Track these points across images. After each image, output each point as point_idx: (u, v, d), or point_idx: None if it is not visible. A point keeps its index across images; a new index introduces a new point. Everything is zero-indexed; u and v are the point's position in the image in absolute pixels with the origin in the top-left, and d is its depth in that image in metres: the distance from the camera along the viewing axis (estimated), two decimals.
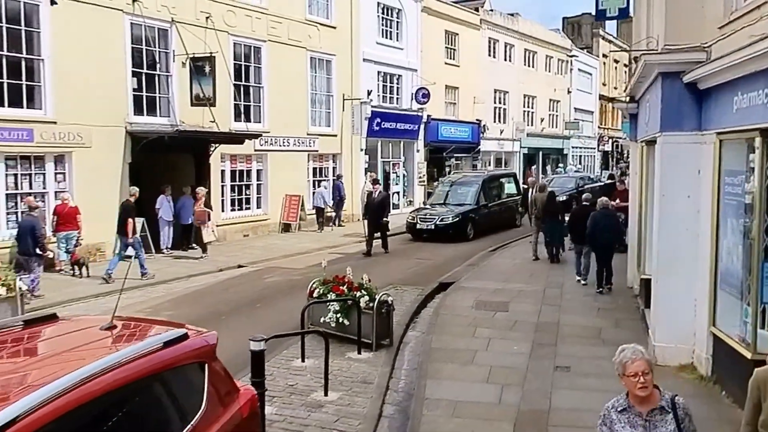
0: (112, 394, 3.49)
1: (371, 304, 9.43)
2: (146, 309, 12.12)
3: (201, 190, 18.02)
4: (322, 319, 9.81)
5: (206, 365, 4.29)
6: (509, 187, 25.37)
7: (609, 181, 23.74)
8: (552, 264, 16.16)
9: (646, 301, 11.27)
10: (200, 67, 18.30)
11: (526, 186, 20.68)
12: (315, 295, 10.18)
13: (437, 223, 20.79)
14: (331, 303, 9.80)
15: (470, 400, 7.68)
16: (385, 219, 18.90)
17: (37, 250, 12.80)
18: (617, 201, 17.26)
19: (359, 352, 9.29)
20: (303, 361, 8.94)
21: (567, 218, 15.07)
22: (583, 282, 13.80)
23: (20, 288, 10.79)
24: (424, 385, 8.17)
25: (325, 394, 7.78)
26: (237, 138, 19.29)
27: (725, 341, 7.71)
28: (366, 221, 19.22)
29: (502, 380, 8.30)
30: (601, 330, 10.55)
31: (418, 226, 20.94)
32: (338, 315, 9.72)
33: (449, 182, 23.99)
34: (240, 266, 16.79)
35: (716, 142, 7.99)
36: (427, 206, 22.86)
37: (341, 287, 9.90)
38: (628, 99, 13.03)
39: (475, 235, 21.08)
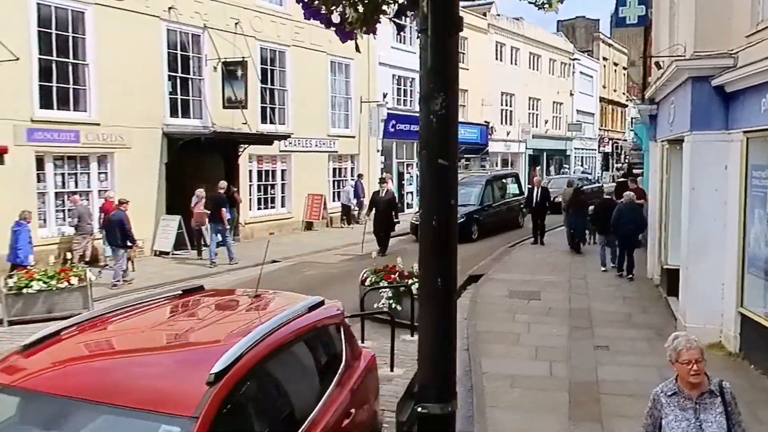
0: (288, 344, 4.25)
1: None
2: None
3: (201, 192, 17.65)
4: (375, 305, 10.57)
5: (341, 326, 5.05)
6: (512, 188, 25.50)
7: (621, 179, 24.58)
8: (573, 257, 16.99)
9: (668, 289, 12.11)
10: (233, 71, 19.05)
11: (531, 186, 21.36)
12: (367, 283, 10.96)
13: None
14: (384, 290, 10.57)
15: (524, 374, 8.47)
16: (396, 220, 18.68)
17: (128, 242, 14.23)
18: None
19: (412, 335, 10.04)
20: (362, 342, 9.69)
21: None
22: (603, 269, 14.71)
23: (91, 278, 11.53)
24: (480, 362, 8.95)
25: (391, 370, 8.57)
26: (267, 139, 20.06)
27: (753, 319, 8.51)
28: (373, 220, 18.57)
29: (549, 357, 9.09)
30: (631, 315, 11.36)
31: None
32: (391, 301, 10.49)
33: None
34: (274, 261, 17.52)
35: (743, 139, 8.79)
36: None
37: (392, 275, 10.68)
38: (648, 101, 13.83)
39: (479, 236, 20.86)
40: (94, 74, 16.49)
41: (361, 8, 3.23)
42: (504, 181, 25.32)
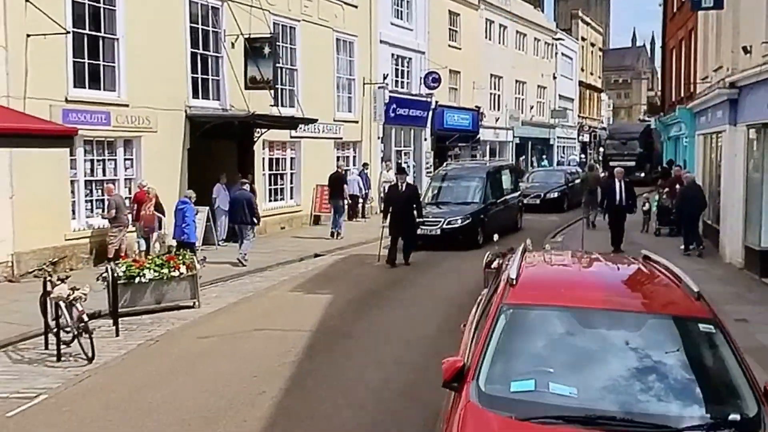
0: None
1: None
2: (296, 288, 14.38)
3: (151, 190, 16.79)
4: None
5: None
6: (507, 182, 24.60)
7: (665, 167, 27.54)
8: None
9: (761, 271, 14.47)
10: (258, 48, 20.22)
11: (607, 178, 21.93)
12: (493, 266, 12.65)
13: (443, 227, 19.26)
14: None
15: None
16: (419, 219, 17.81)
17: (254, 219, 17.15)
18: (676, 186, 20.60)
19: None
20: None
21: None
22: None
23: (198, 268, 12.72)
24: None
25: None
26: (294, 123, 21.37)
27: None
28: (388, 220, 17.38)
29: None
30: (739, 294, 13.57)
31: (418, 231, 18.28)
32: None
33: (441, 176, 22.94)
34: (316, 255, 18.89)
35: None
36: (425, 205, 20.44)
37: None
38: (728, 85, 16.15)
39: (484, 241, 19.22)
40: (123, 50, 17.39)
41: None
42: (503, 173, 24.57)
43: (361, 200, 26.66)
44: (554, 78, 49.21)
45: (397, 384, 8.62)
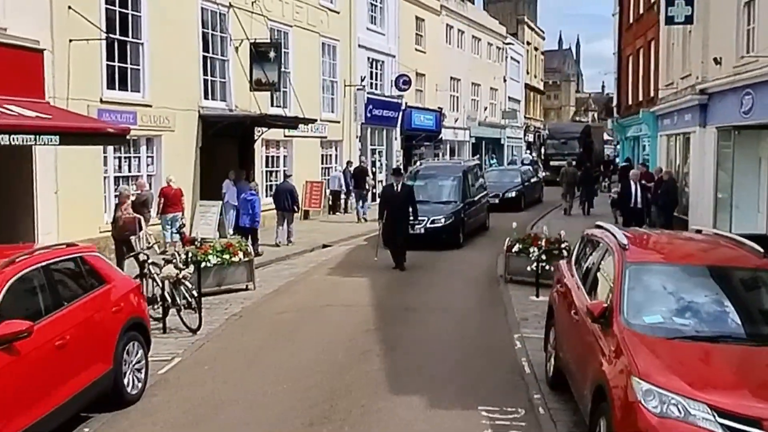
0: None
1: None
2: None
3: (125, 189, 16.03)
4: (528, 268, 14.08)
5: None
6: (478, 181, 24.64)
7: (625, 163, 29.76)
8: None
9: None
10: (264, 53, 21.59)
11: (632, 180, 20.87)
12: (514, 250, 14.47)
13: (427, 226, 18.92)
14: (533, 253, 14.10)
15: None
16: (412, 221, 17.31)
17: (294, 207, 20.01)
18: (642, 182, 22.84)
19: None
20: (537, 296, 13.22)
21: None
22: None
23: (251, 253, 14.10)
24: None
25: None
26: (296, 123, 22.76)
27: None
28: (385, 224, 16.80)
29: None
30: None
31: None
32: (544, 263, 14.04)
33: (417, 174, 22.60)
34: (325, 246, 20.38)
35: None
36: None
37: (539, 241, 14.28)
38: (698, 91, 18.39)
39: (464, 240, 20.21)
40: (147, 54, 18.53)
41: None
42: (476, 172, 24.88)
43: (343, 196, 28.17)
44: (504, 80, 51.64)
45: (466, 340, 10.40)
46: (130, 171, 18.64)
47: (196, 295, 10.77)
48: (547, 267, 14.00)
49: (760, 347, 6.00)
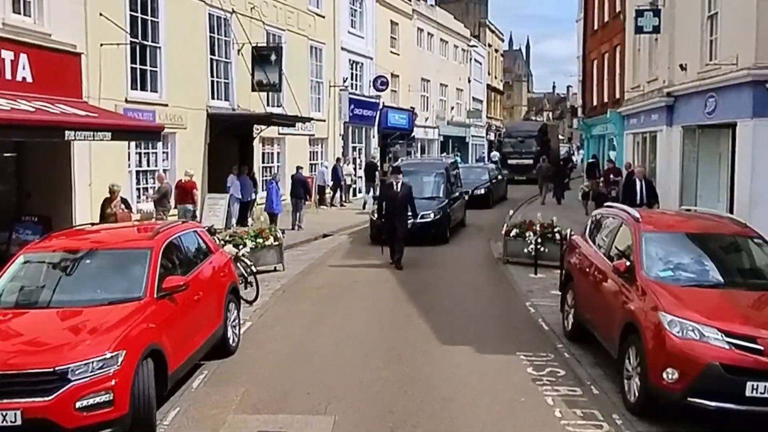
0: None
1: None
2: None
3: (115, 186, 15.75)
4: (525, 250, 15.98)
5: None
6: (456, 178, 24.39)
7: (592, 160, 31.78)
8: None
9: None
10: (265, 56, 23.16)
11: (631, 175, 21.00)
12: (512, 234, 16.37)
13: (416, 221, 18.17)
14: (530, 236, 16.00)
15: None
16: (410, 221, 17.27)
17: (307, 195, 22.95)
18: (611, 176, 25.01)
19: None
20: (536, 274, 15.14)
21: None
22: None
23: (281, 237, 15.72)
24: None
25: (560, 290, 14.06)
26: (295, 121, 24.36)
27: None
28: (382, 223, 17.09)
29: None
30: None
31: None
32: (539, 246, 15.94)
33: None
34: (325, 235, 22.03)
35: None
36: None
37: (534, 226, 16.19)
38: (665, 94, 20.55)
39: (450, 236, 20.69)
40: (164, 56, 19.95)
41: None
42: (455, 169, 25.08)
43: (329, 191, 29.83)
44: (469, 81, 53.81)
45: (486, 306, 12.38)
46: (148, 165, 20.05)
47: (254, 270, 12.35)
48: (542, 249, 15.98)
49: (746, 291, 8.02)
